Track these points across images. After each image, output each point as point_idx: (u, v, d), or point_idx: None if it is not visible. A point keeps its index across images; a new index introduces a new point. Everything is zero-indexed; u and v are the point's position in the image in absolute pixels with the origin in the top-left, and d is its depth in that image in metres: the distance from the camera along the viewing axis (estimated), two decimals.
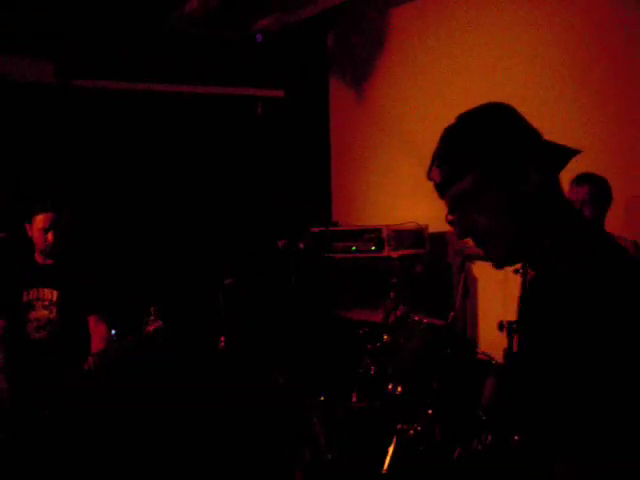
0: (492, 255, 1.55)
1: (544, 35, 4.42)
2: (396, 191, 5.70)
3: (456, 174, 1.50)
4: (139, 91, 5.51)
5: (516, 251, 1.53)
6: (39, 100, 5.10)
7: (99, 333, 3.72)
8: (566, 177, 1.56)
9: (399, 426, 3.09)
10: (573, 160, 1.54)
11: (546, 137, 1.56)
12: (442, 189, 1.55)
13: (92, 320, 3.76)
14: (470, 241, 1.55)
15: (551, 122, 4.23)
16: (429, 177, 1.58)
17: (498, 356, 3.41)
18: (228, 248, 5.48)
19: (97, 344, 3.68)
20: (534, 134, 1.53)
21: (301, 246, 4.63)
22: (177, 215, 5.54)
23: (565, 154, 1.53)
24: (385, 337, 3.57)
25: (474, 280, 4.95)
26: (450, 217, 1.57)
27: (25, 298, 3.73)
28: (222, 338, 4.61)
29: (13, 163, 4.97)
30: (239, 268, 5.03)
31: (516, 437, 2.84)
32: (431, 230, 5.10)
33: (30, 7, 4.88)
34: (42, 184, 4.86)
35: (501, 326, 3.25)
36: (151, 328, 3.43)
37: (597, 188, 3.63)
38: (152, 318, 3.44)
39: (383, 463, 3.05)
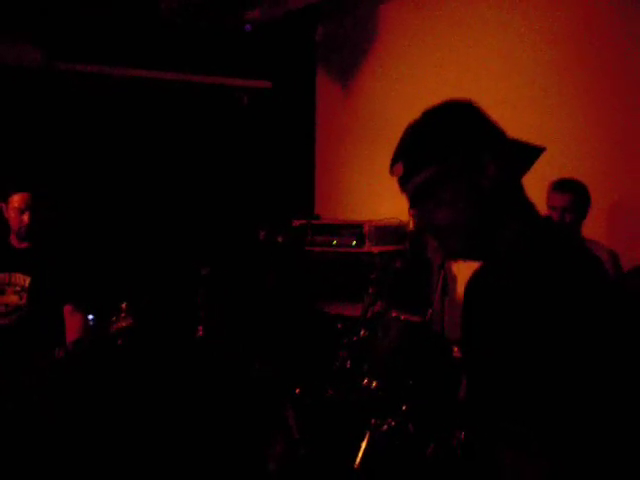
0: (448, 248, 1.57)
1: (535, 31, 4.41)
2: (379, 186, 5.67)
3: (416, 168, 1.52)
4: (126, 77, 5.47)
5: (471, 245, 1.54)
6: (24, 83, 5.06)
7: (75, 323, 3.60)
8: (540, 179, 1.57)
9: (373, 421, 3.09)
10: (555, 164, 1.55)
11: (536, 136, 1.57)
12: (403, 183, 1.57)
13: (67, 309, 3.63)
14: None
15: (540, 119, 4.26)
16: (391, 172, 1.60)
17: None
18: (208, 238, 5.47)
19: (72, 334, 3.56)
20: (496, 131, 1.55)
21: (279, 239, 4.62)
22: (158, 203, 5.52)
23: (529, 152, 1.55)
24: (362, 332, 3.57)
25: (454, 278, 4.96)
26: (412, 212, 1.60)
27: None
28: (200, 327, 4.61)
29: None
30: (218, 258, 5.03)
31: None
32: (413, 229, 5.11)
33: None
34: (22, 167, 4.82)
35: None
36: (118, 326, 3.31)
37: (579, 197, 3.65)
38: (122, 315, 3.32)
39: (356, 457, 3.05)
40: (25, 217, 3.56)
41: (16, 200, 3.57)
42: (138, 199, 5.43)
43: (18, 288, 3.59)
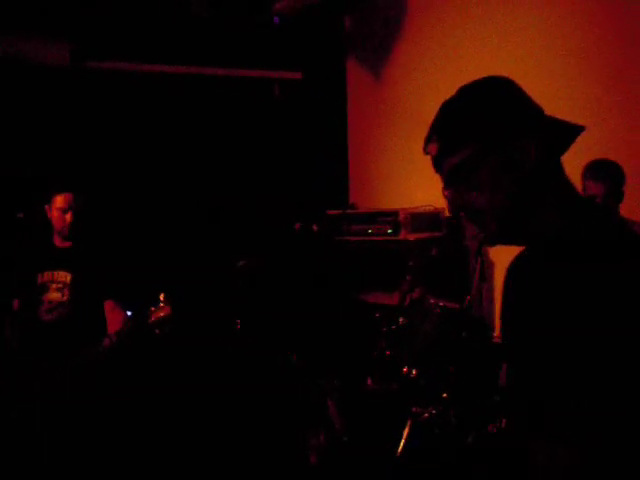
0: (485, 231, 1.52)
1: (578, 16, 4.34)
2: (413, 174, 5.67)
3: (452, 147, 1.47)
4: (156, 73, 5.50)
5: (509, 228, 1.49)
6: (55, 81, 5.10)
7: (116, 318, 3.70)
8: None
9: (414, 409, 3.08)
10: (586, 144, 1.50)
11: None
12: (438, 163, 1.52)
13: (108, 305, 3.74)
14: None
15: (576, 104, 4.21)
16: (426, 151, 1.54)
17: None
18: (244, 230, 5.49)
19: (114, 329, 3.64)
20: (535, 109, 1.49)
21: (314, 229, 4.61)
22: (193, 197, 5.54)
23: (569, 131, 1.49)
24: (400, 320, 3.55)
25: (491, 264, 4.92)
26: (446, 192, 1.55)
27: (39, 280, 3.73)
28: (237, 320, 4.63)
29: (30, 145, 4.97)
30: (254, 250, 5.04)
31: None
32: (448, 213, 5.08)
33: None
34: (59, 166, 4.87)
35: None
36: (158, 316, 3.42)
37: (615, 182, 3.60)
38: (161, 305, 3.43)
39: (398, 446, 3.05)
40: (68, 216, 3.69)
41: (59, 201, 3.70)
42: (175, 193, 5.47)
43: (60, 285, 3.71)
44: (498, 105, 1.47)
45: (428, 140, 1.53)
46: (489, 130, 1.44)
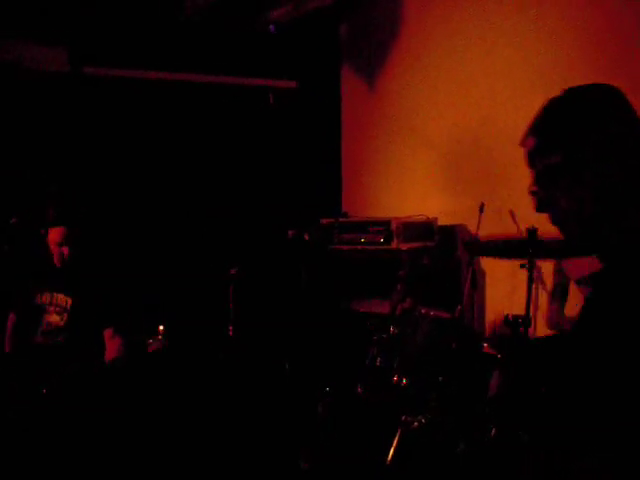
0: (567, 234, 1.55)
1: (570, 24, 4.36)
2: (406, 183, 5.71)
3: (550, 148, 1.50)
4: (152, 80, 5.50)
5: (591, 236, 1.51)
6: (52, 87, 5.10)
7: (115, 346, 3.65)
8: None
9: (404, 418, 3.10)
10: None
11: None
12: (532, 159, 1.55)
13: (108, 333, 3.69)
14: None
15: None
16: (522, 144, 1.57)
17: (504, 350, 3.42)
18: (236, 238, 5.50)
19: (112, 356, 3.62)
20: (636, 122, 1.50)
21: (305, 237, 4.63)
22: (187, 205, 5.55)
23: None
24: (391, 329, 3.58)
25: (482, 274, 4.96)
26: (533, 188, 1.56)
27: (38, 300, 3.68)
28: (230, 327, 4.64)
29: (25, 150, 4.96)
30: (246, 258, 5.05)
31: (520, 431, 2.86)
32: (440, 223, 5.11)
33: None
34: (54, 172, 4.86)
35: (507, 320, 3.25)
36: (154, 348, 3.45)
37: None
38: (159, 337, 3.46)
39: (387, 454, 3.06)
40: (65, 250, 3.63)
41: (54, 233, 3.64)
42: (170, 200, 5.46)
43: (59, 309, 3.67)
44: (601, 114, 1.48)
45: (528, 134, 1.55)
46: (588, 137, 1.46)
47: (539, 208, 1.55)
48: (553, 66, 4.37)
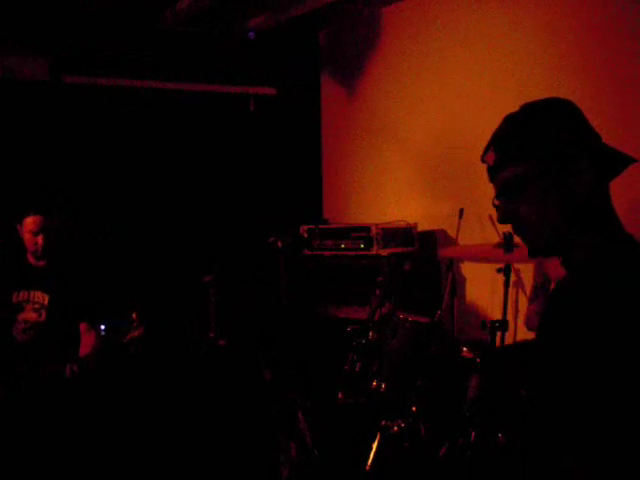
0: (530, 244, 1.58)
1: (540, 33, 4.40)
2: (386, 189, 5.73)
3: (509, 161, 1.53)
4: (132, 88, 5.51)
5: (554, 245, 1.54)
6: (33, 97, 5.09)
7: (90, 340, 3.68)
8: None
9: (383, 423, 3.11)
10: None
11: None
12: (493, 173, 1.58)
13: (83, 326, 3.72)
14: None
15: None
16: (483, 159, 1.61)
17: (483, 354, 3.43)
18: (216, 245, 5.50)
19: (87, 350, 3.65)
20: (593, 135, 1.54)
21: (279, 244, 4.64)
22: (166, 211, 5.55)
23: (621, 160, 1.54)
24: (370, 334, 3.58)
25: (463, 279, 4.98)
26: (496, 202, 1.59)
27: (15, 299, 3.69)
28: (211, 334, 4.64)
29: (4, 161, 4.95)
30: (225, 264, 5.06)
31: (500, 435, 2.87)
32: (420, 228, 5.13)
33: (24, 3, 4.88)
34: (33, 182, 4.85)
35: (484, 325, 3.26)
36: (131, 335, 3.41)
37: None
38: (134, 325, 3.42)
39: (367, 459, 3.07)
40: (39, 239, 3.65)
41: (29, 223, 3.65)
42: (147, 208, 5.46)
43: (37, 306, 3.68)
44: (559, 127, 1.52)
45: (487, 150, 1.59)
46: (548, 150, 1.50)
47: (502, 220, 1.59)
48: (536, 72, 4.40)
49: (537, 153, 1.50)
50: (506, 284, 3.34)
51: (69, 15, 5.04)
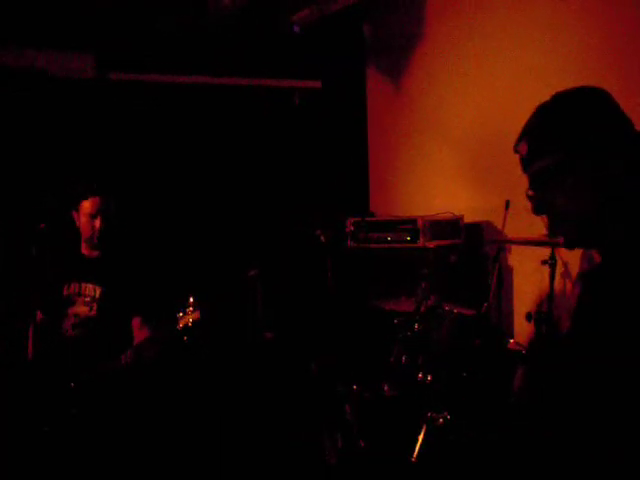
0: (566, 236, 1.58)
1: (589, 18, 4.33)
2: (432, 181, 5.71)
3: (543, 151, 1.53)
4: (177, 84, 5.57)
5: (589, 235, 1.54)
6: (79, 93, 5.18)
7: (143, 336, 3.50)
8: None
9: (429, 414, 3.11)
10: None
11: None
12: (526, 163, 1.59)
13: (136, 322, 3.57)
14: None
15: None
16: (515, 150, 1.61)
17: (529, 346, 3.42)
18: (261, 239, 5.54)
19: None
20: (626, 123, 1.53)
21: (324, 237, 4.65)
22: (214, 205, 5.60)
23: None
24: (416, 326, 3.59)
25: (510, 270, 4.94)
26: (530, 192, 1.59)
27: (65, 292, 3.58)
28: (259, 328, 4.68)
29: (54, 156, 5.04)
30: (271, 258, 5.10)
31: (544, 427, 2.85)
32: (467, 220, 5.11)
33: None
34: (85, 176, 4.93)
35: (529, 316, 3.24)
36: (190, 319, 3.28)
37: None
38: (190, 309, 3.30)
39: (413, 451, 3.08)
40: (97, 222, 3.55)
41: (87, 206, 3.55)
42: (198, 202, 5.52)
43: (88, 299, 3.56)
44: (593, 116, 1.51)
45: (520, 139, 1.60)
46: (581, 140, 1.50)
47: (536, 210, 1.58)
48: (586, 59, 4.33)
49: (570, 143, 1.49)
50: (552, 275, 3.31)
51: (114, 11, 5.12)
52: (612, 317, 1.42)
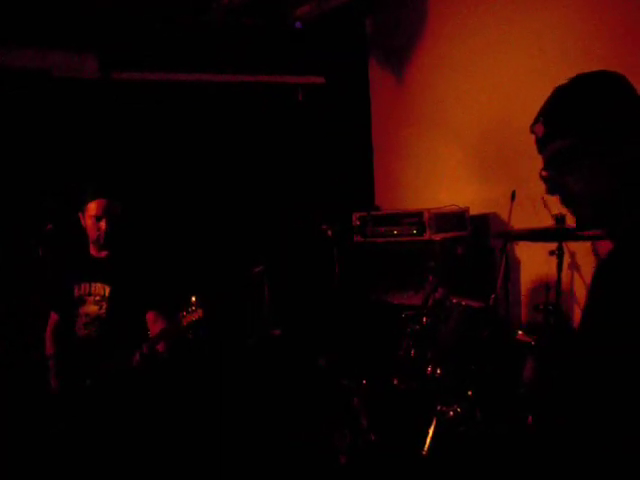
0: (579, 217, 1.59)
1: (594, 9, 4.32)
2: (437, 174, 5.71)
3: (558, 133, 1.54)
4: (180, 82, 5.57)
5: (602, 217, 1.55)
6: (83, 94, 5.18)
7: (159, 329, 3.49)
8: None
9: (439, 407, 3.12)
10: None
11: None
12: (542, 144, 1.60)
13: (151, 316, 3.60)
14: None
15: None
16: (532, 130, 1.62)
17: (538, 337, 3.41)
18: (267, 235, 5.53)
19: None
20: None
21: (330, 232, 4.65)
22: (219, 201, 5.60)
23: None
24: (424, 320, 3.59)
25: (517, 262, 4.94)
26: (544, 173, 1.60)
27: (76, 292, 3.60)
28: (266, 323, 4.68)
29: (59, 158, 5.04)
30: (277, 253, 5.09)
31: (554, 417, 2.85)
32: (472, 212, 5.10)
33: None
34: (91, 176, 4.92)
35: (537, 308, 3.24)
36: (192, 318, 3.30)
37: None
38: (192, 308, 3.32)
39: (424, 444, 3.09)
40: (102, 224, 3.56)
41: (92, 208, 3.56)
42: (202, 198, 5.52)
43: (98, 298, 3.59)
44: (608, 99, 1.52)
45: (536, 121, 1.60)
46: (596, 122, 1.50)
47: (550, 191, 1.59)
48: (591, 52, 4.32)
49: (586, 126, 1.50)
50: (559, 266, 3.31)
51: (116, 10, 5.11)
52: (623, 305, 1.42)
